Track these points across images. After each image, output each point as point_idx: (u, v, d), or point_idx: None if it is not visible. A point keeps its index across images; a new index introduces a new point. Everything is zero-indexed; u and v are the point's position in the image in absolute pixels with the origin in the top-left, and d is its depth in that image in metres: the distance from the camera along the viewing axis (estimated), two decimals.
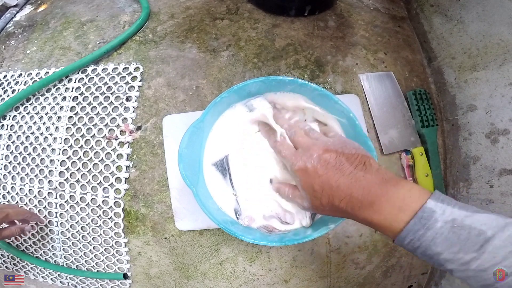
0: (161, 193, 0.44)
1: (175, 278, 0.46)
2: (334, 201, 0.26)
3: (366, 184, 0.24)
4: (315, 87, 0.34)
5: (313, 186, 0.27)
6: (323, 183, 0.26)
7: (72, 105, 0.47)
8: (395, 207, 0.23)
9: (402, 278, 0.48)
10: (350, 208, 0.25)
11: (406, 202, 0.23)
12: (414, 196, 0.23)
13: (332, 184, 0.25)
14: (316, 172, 0.26)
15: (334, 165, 0.26)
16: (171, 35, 0.50)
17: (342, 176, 0.25)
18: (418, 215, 0.22)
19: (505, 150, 0.39)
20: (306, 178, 0.27)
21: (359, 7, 0.55)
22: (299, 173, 0.28)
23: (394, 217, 0.23)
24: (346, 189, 0.25)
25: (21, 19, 0.60)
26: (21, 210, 0.43)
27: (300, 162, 0.28)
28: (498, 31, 0.40)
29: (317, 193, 0.27)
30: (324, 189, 0.26)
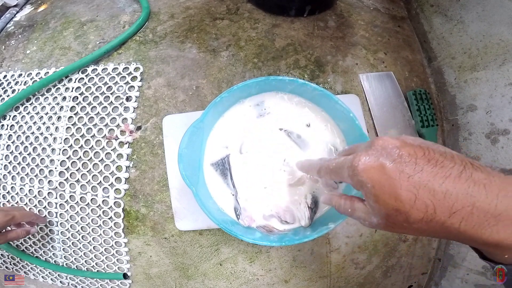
0: (161, 193, 0.44)
1: (175, 278, 0.46)
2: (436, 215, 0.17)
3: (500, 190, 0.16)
4: (315, 87, 0.34)
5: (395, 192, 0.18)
6: (417, 187, 0.17)
7: (72, 105, 0.47)
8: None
9: (402, 278, 0.48)
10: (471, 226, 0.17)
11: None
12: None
13: (436, 189, 0.17)
14: (402, 171, 0.18)
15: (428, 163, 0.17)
16: (171, 35, 0.50)
17: (448, 177, 0.17)
18: None
19: (505, 150, 0.39)
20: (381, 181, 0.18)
21: (359, 7, 0.55)
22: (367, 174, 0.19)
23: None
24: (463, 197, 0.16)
25: (21, 19, 0.60)
26: (27, 212, 0.43)
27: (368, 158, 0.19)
28: (498, 31, 0.40)
29: (403, 202, 0.18)
30: (419, 196, 0.17)
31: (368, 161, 0.19)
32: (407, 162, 0.18)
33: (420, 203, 0.17)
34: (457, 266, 0.45)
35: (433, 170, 0.17)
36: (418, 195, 0.17)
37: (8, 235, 0.40)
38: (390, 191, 0.18)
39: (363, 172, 0.19)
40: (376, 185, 0.18)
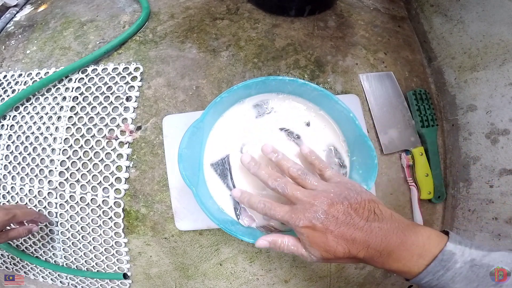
0: (161, 193, 0.44)
1: (175, 278, 0.46)
2: (351, 253, 0.25)
3: (383, 235, 0.24)
4: (315, 87, 0.34)
5: (325, 241, 0.26)
6: (337, 238, 0.25)
7: (72, 105, 0.47)
8: (415, 254, 0.24)
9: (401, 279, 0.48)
10: (368, 258, 0.25)
11: (426, 249, 0.24)
12: (434, 242, 0.24)
13: (348, 238, 0.25)
14: (327, 228, 0.25)
15: (344, 220, 0.25)
16: (171, 35, 0.50)
17: (355, 230, 0.25)
18: (438, 258, 0.23)
19: (505, 150, 0.39)
20: (314, 235, 0.26)
21: (359, 7, 0.55)
22: (305, 230, 0.26)
23: (414, 263, 0.24)
24: (363, 242, 0.25)
25: (21, 19, 0.60)
26: (29, 210, 0.43)
27: (305, 220, 0.26)
28: (498, 31, 0.40)
29: (330, 247, 0.25)
30: (339, 243, 0.25)
31: (304, 222, 0.26)
32: (331, 221, 0.25)
33: (340, 247, 0.25)
34: None
35: (346, 226, 0.25)
36: (338, 242, 0.25)
37: (9, 234, 0.40)
38: (320, 240, 0.26)
39: (301, 229, 0.26)
40: (310, 236, 0.26)
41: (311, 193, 0.27)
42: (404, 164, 0.45)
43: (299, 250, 0.28)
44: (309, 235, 0.26)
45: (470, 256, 0.23)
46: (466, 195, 0.44)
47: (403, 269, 0.24)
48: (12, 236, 0.40)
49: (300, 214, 0.26)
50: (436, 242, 0.24)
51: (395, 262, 0.24)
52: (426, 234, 0.25)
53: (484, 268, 0.23)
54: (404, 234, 0.24)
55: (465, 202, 0.44)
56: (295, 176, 0.29)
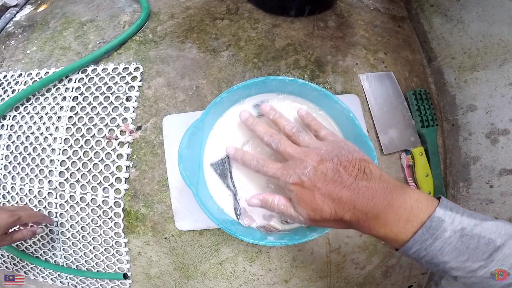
0: (161, 193, 0.44)
1: (175, 278, 0.46)
2: (337, 214, 0.24)
3: (370, 195, 0.23)
4: (315, 87, 0.34)
5: (312, 199, 0.25)
6: (324, 196, 0.25)
7: (72, 105, 0.47)
8: (402, 218, 0.22)
9: (402, 278, 0.48)
10: (355, 220, 0.24)
11: (414, 213, 0.22)
12: (422, 206, 0.22)
13: (334, 197, 0.24)
14: (314, 185, 0.25)
15: (333, 177, 0.25)
16: (171, 35, 0.50)
17: (343, 188, 0.24)
18: (426, 225, 0.22)
19: (505, 150, 0.39)
20: (303, 192, 0.26)
21: (359, 7, 0.55)
22: (294, 187, 0.26)
23: (401, 229, 0.22)
24: (349, 201, 0.24)
25: (21, 19, 0.60)
26: (33, 212, 0.42)
27: (294, 176, 0.26)
28: (498, 31, 0.40)
29: (317, 206, 0.25)
30: (325, 202, 0.24)
31: (293, 178, 0.26)
32: (319, 178, 0.25)
33: (327, 206, 0.25)
34: None
35: (334, 183, 0.24)
36: (325, 201, 0.25)
37: (14, 236, 0.40)
38: (307, 198, 0.25)
39: (291, 185, 0.26)
40: (299, 194, 0.26)
41: (303, 149, 0.27)
42: (404, 164, 0.45)
43: (288, 210, 0.28)
44: (298, 192, 0.26)
45: (460, 225, 0.21)
46: (466, 195, 0.44)
47: (390, 234, 0.23)
48: (17, 238, 0.40)
49: (290, 170, 0.26)
50: (425, 206, 0.22)
51: (382, 226, 0.23)
52: (415, 196, 0.23)
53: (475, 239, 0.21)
54: (391, 195, 0.23)
55: (465, 202, 0.44)
56: (290, 133, 0.29)
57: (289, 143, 0.28)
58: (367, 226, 0.24)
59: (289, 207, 0.28)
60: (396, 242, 0.23)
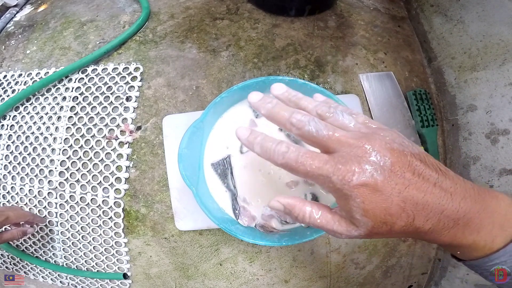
0: (161, 193, 0.44)
1: (175, 278, 0.46)
2: (414, 223, 0.18)
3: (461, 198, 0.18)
4: (315, 87, 0.34)
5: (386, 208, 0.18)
6: (405, 202, 0.18)
7: (72, 105, 0.47)
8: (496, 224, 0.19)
9: (402, 278, 0.48)
10: (438, 229, 0.19)
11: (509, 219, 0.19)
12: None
13: (418, 202, 0.18)
14: (393, 187, 0.18)
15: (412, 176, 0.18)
16: (171, 35, 0.50)
17: (427, 189, 0.18)
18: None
19: (505, 150, 0.39)
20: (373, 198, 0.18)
21: (359, 7, 0.55)
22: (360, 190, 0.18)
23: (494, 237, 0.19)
24: (437, 206, 0.18)
25: (21, 19, 0.60)
26: (22, 212, 0.42)
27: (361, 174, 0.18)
28: (498, 31, 0.40)
29: (392, 216, 0.18)
30: (405, 210, 0.18)
31: (362, 177, 0.18)
32: (398, 177, 0.18)
33: (404, 215, 0.18)
34: (457, 266, 0.45)
35: (417, 183, 0.18)
36: (405, 209, 0.18)
37: (3, 236, 0.40)
38: (381, 206, 0.18)
39: (354, 188, 0.18)
40: (366, 201, 0.18)
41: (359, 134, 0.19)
42: None
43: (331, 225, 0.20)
44: (366, 198, 0.18)
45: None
46: None
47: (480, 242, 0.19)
48: (6, 238, 0.40)
49: (352, 165, 0.18)
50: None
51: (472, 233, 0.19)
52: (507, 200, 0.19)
53: None
54: (482, 198, 0.19)
55: None
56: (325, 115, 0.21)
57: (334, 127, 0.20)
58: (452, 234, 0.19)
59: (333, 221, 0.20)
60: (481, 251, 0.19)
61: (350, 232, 0.20)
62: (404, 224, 0.18)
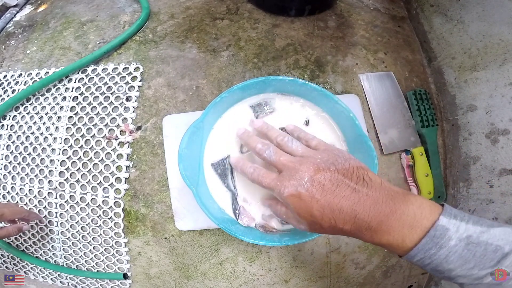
0: (161, 193, 0.44)
1: (175, 278, 0.46)
2: (337, 224, 0.23)
3: (372, 203, 0.23)
4: (315, 87, 0.34)
5: (310, 212, 0.24)
6: (323, 208, 0.23)
7: (72, 105, 0.47)
8: (405, 225, 0.22)
9: (402, 278, 0.48)
10: (356, 229, 0.23)
11: (417, 219, 0.22)
12: (425, 213, 0.22)
13: (334, 208, 0.23)
14: (312, 196, 0.24)
15: (331, 187, 0.23)
16: (171, 35, 0.50)
17: (342, 198, 0.23)
18: (430, 234, 0.21)
19: (505, 150, 0.39)
20: (300, 204, 0.24)
21: (359, 7, 0.55)
22: (290, 199, 0.25)
23: (404, 236, 0.22)
24: (350, 211, 0.23)
25: (21, 19, 0.60)
26: (17, 209, 0.42)
27: (290, 188, 0.25)
28: (498, 31, 0.40)
29: (316, 218, 0.24)
30: (325, 214, 0.23)
31: (290, 190, 0.25)
32: (316, 189, 0.24)
33: (326, 217, 0.24)
34: None
35: (333, 193, 0.23)
36: (324, 213, 0.24)
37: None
38: (305, 210, 0.24)
39: (286, 198, 0.25)
40: (296, 206, 0.25)
41: (297, 159, 0.26)
42: (404, 164, 0.45)
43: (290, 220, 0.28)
44: (295, 204, 0.25)
45: (466, 232, 0.21)
46: (466, 195, 0.44)
47: (393, 242, 0.22)
48: (2, 235, 0.40)
49: (285, 181, 0.25)
50: (428, 213, 0.22)
51: (384, 234, 0.22)
52: (417, 203, 0.23)
53: (481, 247, 0.20)
54: (393, 202, 0.23)
55: (465, 202, 0.44)
56: (282, 143, 0.29)
57: (282, 153, 0.28)
58: (369, 234, 0.23)
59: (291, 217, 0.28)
60: (400, 249, 0.23)
61: (299, 226, 0.27)
62: (329, 225, 0.24)
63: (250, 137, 0.32)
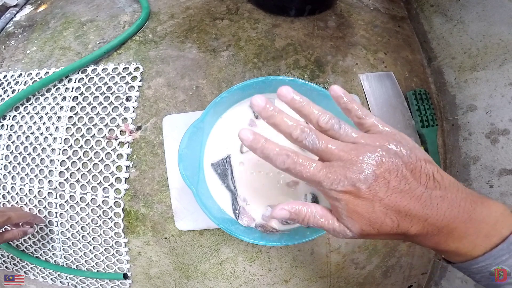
0: (161, 193, 0.44)
1: (175, 278, 0.46)
2: (400, 228, 0.20)
3: (448, 207, 0.20)
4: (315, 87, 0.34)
5: (370, 212, 0.20)
6: (387, 209, 0.20)
7: (72, 105, 0.47)
8: (481, 233, 0.20)
9: (402, 278, 0.48)
10: (423, 234, 0.21)
11: (497, 228, 0.20)
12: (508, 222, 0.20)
13: (400, 210, 0.20)
14: (375, 194, 0.20)
15: (398, 185, 0.20)
16: (171, 35, 0.50)
17: (412, 199, 0.20)
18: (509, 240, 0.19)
19: (505, 150, 0.39)
20: (356, 203, 0.21)
21: (359, 7, 0.55)
22: (344, 196, 0.21)
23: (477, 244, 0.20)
24: (420, 214, 0.20)
25: (21, 19, 0.60)
26: (23, 213, 0.43)
27: (346, 182, 0.20)
28: (498, 31, 0.40)
29: (377, 220, 0.20)
30: (388, 215, 0.20)
31: (345, 185, 0.20)
32: (381, 186, 0.20)
33: (389, 220, 0.20)
34: None
35: (401, 192, 0.20)
36: (387, 214, 0.20)
37: (4, 236, 0.40)
38: (364, 210, 0.21)
39: (339, 193, 0.21)
40: (350, 204, 0.21)
41: (351, 146, 0.21)
42: None
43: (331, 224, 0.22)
44: (350, 202, 0.20)
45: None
46: None
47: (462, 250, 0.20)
48: (7, 238, 0.41)
49: (339, 174, 0.20)
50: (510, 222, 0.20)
51: (455, 241, 0.20)
52: (500, 210, 0.20)
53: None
54: (473, 207, 0.20)
55: None
56: (327, 127, 0.22)
57: (329, 139, 0.22)
58: (435, 240, 0.21)
59: (331, 220, 0.22)
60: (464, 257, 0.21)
61: (344, 231, 0.22)
62: (391, 228, 0.21)
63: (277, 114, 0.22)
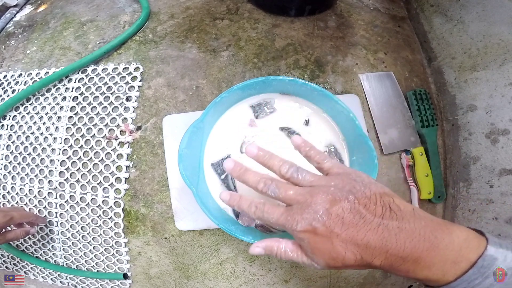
0: (161, 193, 0.44)
1: (175, 278, 0.46)
2: (363, 260, 0.21)
3: (407, 237, 0.20)
4: (315, 87, 0.34)
5: (330, 248, 0.21)
6: (345, 243, 0.21)
7: (72, 105, 0.47)
8: (448, 260, 0.20)
9: (402, 278, 0.48)
10: (387, 265, 0.21)
11: (463, 254, 0.20)
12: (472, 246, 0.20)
13: (359, 243, 0.21)
14: (331, 231, 0.21)
15: (352, 220, 0.21)
16: (171, 35, 0.50)
17: (368, 232, 0.21)
18: (478, 264, 0.20)
19: (505, 150, 0.39)
20: (316, 240, 0.22)
21: (359, 7, 0.55)
22: (304, 235, 0.22)
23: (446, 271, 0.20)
24: (380, 246, 0.20)
25: (21, 19, 0.60)
26: (26, 213, 0.43)
27: (303, 222, 0.22)
28: (498, 31, 0.40)
29: (338, 254, 0.21)
30: (348, 249, 0.21)
31: (302, 225, 0.22)
32: (336, 223, 0.21)
33: (350, 253, 0.21)
34: None
35: (357, 226, 0.21)
36: (348, 248, 0.21)
37: (7, 236, 0.40)
38: (324, 246, 0.22)
39: (300, 233, 0.22)
40: (312, 242, 0.22)
41: (307, 190, 0.23)
42: (404, 164, 0.45)
43: (300, 257, 0.24)
44: (310, 240, 0.22)
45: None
46: (466, 195, 0.44)
47: (432, 277, 0.21)
48: (10, 238, 0.41)
49: (296, 216, 0.22)
50: (475, 246, 0.20)
51: (423, 270, 0.21)
52: (463, 235, 0.21)
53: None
54: (434, 235, 0.20)
55: (465, 202, 0.44)
56: (287, 175, 0.25)
57: (288, 186, 0.24)
58: (404, 269, 0.21)
59: (300, 255, 0.24)
60: (437, 283, 0.21)
61: (313, 265, 0.24)
62: (354, 261, 0.21)
63: (245, 172, 0.27)
